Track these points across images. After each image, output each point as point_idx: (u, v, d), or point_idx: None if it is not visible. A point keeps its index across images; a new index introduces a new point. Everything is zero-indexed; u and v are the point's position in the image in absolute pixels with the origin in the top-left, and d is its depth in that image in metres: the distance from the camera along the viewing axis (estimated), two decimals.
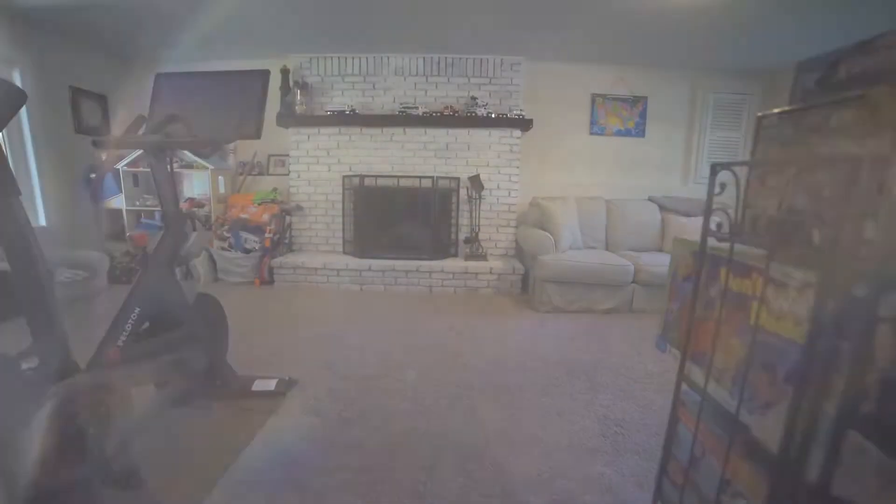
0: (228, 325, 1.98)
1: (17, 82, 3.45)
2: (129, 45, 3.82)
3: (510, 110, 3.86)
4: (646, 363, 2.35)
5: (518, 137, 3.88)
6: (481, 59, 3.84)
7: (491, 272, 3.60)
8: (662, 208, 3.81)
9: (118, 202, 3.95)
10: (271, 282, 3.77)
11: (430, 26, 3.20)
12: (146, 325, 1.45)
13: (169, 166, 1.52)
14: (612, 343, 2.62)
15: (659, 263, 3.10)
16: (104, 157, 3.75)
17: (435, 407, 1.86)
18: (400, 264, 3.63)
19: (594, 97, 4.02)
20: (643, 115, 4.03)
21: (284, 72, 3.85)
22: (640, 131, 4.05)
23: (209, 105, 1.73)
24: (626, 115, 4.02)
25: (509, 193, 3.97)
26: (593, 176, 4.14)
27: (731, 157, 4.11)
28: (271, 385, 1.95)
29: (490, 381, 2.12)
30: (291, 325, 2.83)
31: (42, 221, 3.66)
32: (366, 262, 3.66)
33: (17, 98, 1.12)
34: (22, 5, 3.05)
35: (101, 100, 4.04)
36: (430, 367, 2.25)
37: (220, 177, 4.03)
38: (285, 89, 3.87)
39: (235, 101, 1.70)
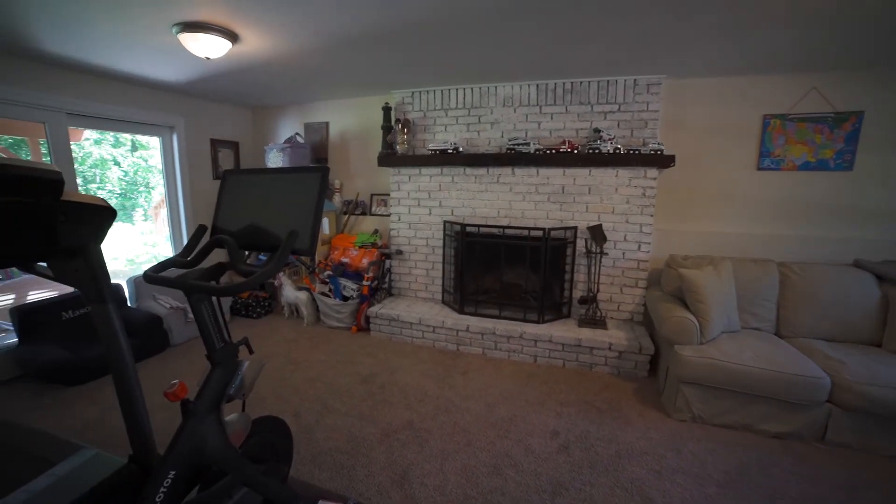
0: (293, 446, 1.81)
1: (175, 142, 3.96)
2: (253, 96, 4.07)
3: (644, 144, 3.09)
4: None
5: (653, 178, 3.09)
6: (607, 82, 3.12)
7: (610, 349, 2.93)
8: (882, 279, 2.62)
9: None
10: (368, 329, 3.69)
11: (547, 53, 2.65)
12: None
13: (216, 304, 1.35)
14: None
15: (882, 381, 2.04)
16: None
17: None
18: (501, 328, 3.19)
19: (767, 119, 2.98)
20: (852, 139, 2.84)
21: (386, 109, 3.69)
22: (844, 163, 2.88)
23: (269, 208, 1.53)
24: (823, 140, 2.89)
25: (639, 247, 3.20)
26: (760, 226, 3.09)
27: None
28: None
29: None
30: (376, 400, 2.62)
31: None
32: (463, 321, 3.31)
33: (111, 215, 1.24)
34: (178, 82, 3.47)
35: (234, 146, 4.43)
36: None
37: (325, 219, 4.10)
38: (387, 128, 3.71)
39: (292, 207, 1.46)
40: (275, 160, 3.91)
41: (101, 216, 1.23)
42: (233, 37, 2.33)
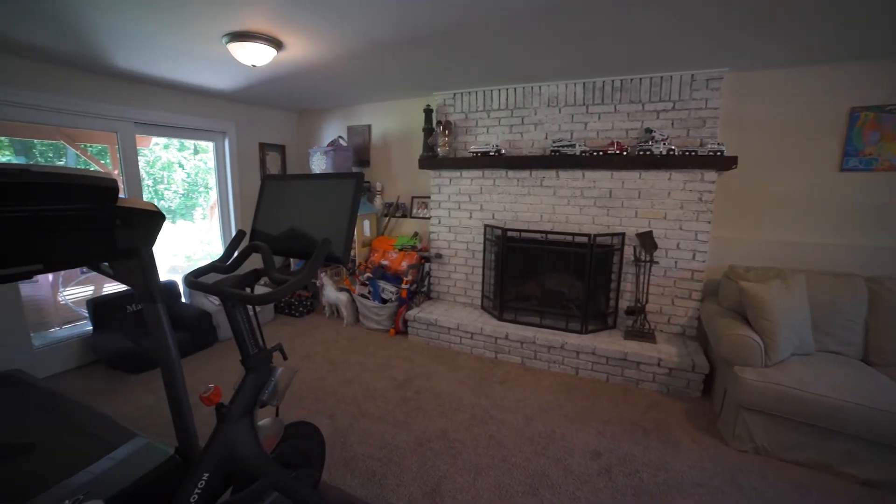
0: (325, 451, 1.82)
1: (227, 146, 4.18)
2: (298, 100, 4.19)
3: (702, 144, 2.85)
4: None
5: (711, 181, 2.83)
6: (661, 78, 2.90)
7: (659, 364, 2.73)
8: None
9: None
10: (406, 333, 3.69)
11: (595, 50, 2.50)
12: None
13: (251, 311, 1.38)
14: None
15: None
16: None
17: None
18: (542, 337, 3.06)
19: (856, 113, 2.63)
20: None
21: (427, 111, 3.66)
22: None
23: (305, 215, 1.54)
24: None
25: (694, 256, 2.95)
26: (842, 236, 2.73)
27: None
28: None
29: None
30: (411, 406, 2.60)
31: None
32: (502, 329, 3.22)
33: (160, 219, 1.31)
34: (229, 89, 3.66)
35: (281, 149, 4.61)
36: None
37: (366, 221, 4.14)
38: (428, 130, 3.69)
39: (327, 213, 1.45)
40: (318, 162, 4.01)
41: (152, 220, 1.30)
42: (277, 44, 2.39)
